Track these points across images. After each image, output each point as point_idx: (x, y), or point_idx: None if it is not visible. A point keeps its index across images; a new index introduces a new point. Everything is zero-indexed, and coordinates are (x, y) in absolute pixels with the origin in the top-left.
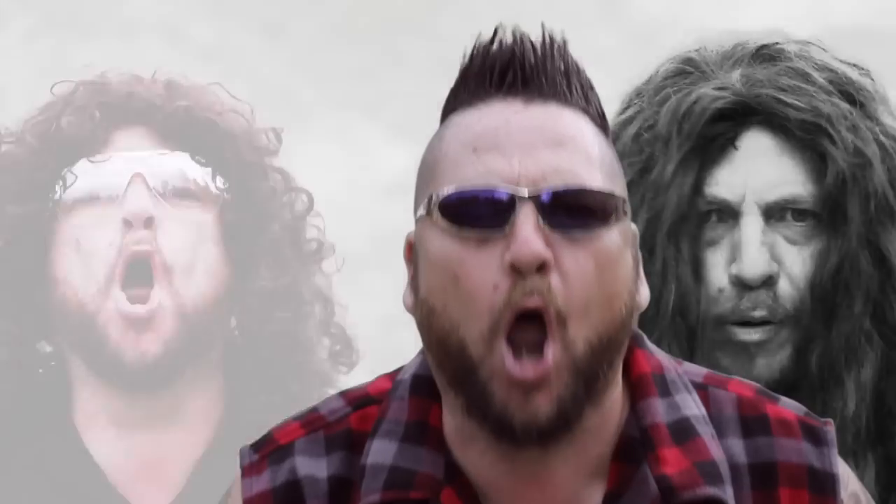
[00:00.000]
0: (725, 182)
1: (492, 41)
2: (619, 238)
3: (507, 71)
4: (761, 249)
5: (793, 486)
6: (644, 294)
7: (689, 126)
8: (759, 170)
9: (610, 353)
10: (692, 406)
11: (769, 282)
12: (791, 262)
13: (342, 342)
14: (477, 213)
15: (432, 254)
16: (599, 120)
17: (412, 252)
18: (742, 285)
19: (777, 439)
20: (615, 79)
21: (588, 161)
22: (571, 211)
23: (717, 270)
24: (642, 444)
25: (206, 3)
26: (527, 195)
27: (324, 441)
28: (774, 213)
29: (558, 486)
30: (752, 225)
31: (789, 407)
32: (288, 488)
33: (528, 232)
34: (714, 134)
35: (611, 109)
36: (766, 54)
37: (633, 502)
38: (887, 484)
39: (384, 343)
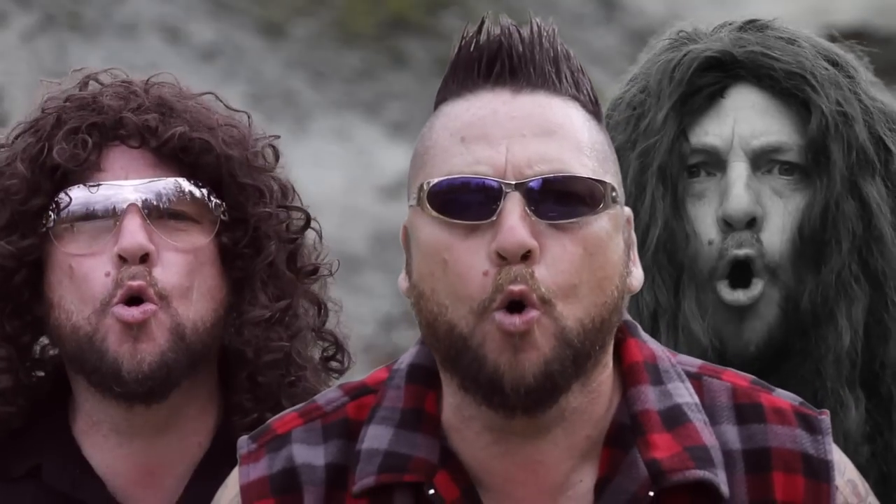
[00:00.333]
0: (713, 130)
1: (479, 31)
2: (608, 224)
3: (495, 61)
4: (747, 191)
5: (787, 472)
6: (637, 276)
7: (679, 75)
8: (745, 118)
9: (602, 333)
10: (685, 394)
11: (753, 224)
12: (776, 212)
13: (335, 346)
14: (465, 203)
15: (422, 241)
16: (591, 105)
17: (407, 237)
18: (728, 229)
19: (771, 426)
20: (615, 79)
21: (577, 148)
22: (559, 199)
23: (707, 222)
24: (632, 430)
25: (206, 3)
26: (513, 184)
27: (321, 430)
28: (762, 163)
29: (550, 468)
30: (738, 169)
31: (784, 397)
32: (285, 475)
33: (514, 221)
34: (702, 84)
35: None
36: (754, 26)
37: (623, 486)
38: (875, 422)
39: (384, 343)
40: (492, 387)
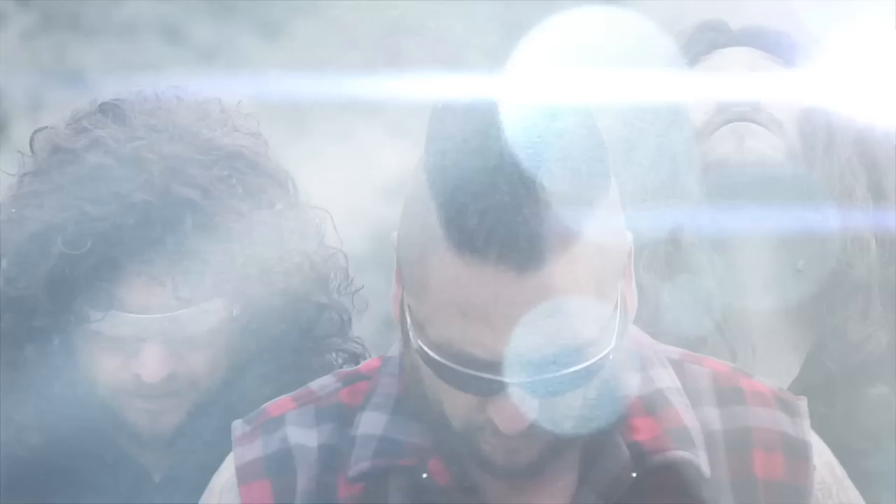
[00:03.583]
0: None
1: (475, 215)
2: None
3: (499, 248)
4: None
5: (767, 450)
6: (631, 307)
7: (684, 33)
8: (740, 63)
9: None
10: (666, 379)
11: None
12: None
13: (352, 360)
14: (463, 385)
15: (423, 369)
16: (597, 191)
17: (398, 246)
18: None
19: (751, 408)
20: None
21: (583, 309)
22: (560, 384)
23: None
24: None
25: (206, 3)
26: (514, 383)
27: (314, 413)
28: None
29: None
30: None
31: (763, 382)
32: (280, 456)
33: (514, 413)
34: (702, 38)
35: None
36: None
37: (606, 468)
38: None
39: (384, 342)
40: (482, 465)
